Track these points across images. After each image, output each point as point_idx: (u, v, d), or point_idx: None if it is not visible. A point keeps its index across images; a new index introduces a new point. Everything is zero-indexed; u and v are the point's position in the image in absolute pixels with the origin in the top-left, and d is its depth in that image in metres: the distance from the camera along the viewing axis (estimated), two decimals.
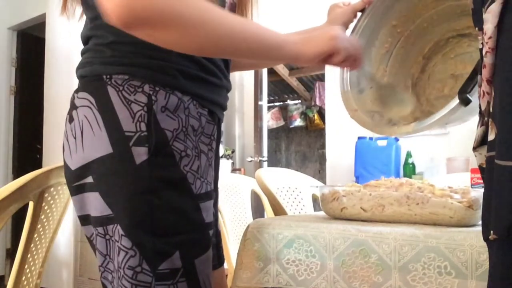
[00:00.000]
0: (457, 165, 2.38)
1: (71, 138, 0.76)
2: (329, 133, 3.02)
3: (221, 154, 3.57)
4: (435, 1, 1.03)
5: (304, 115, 5.05)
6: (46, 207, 1.09)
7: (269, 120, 4.90)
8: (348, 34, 1.09)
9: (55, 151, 3.27)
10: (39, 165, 3.49)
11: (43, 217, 1.10)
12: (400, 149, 2.61)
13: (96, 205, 0.73)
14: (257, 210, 3.01)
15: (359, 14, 1.09)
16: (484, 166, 0.60)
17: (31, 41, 4.09)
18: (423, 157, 2.65)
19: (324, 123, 4.03)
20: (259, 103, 3.71)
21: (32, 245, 1.08)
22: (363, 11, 1.08)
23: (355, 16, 1.08)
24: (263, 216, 2.81)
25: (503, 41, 0.56)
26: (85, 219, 0.77)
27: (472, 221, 0.89)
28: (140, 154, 0.71)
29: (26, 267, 1.07)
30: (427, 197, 0.91)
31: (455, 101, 0.81)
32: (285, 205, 1.76)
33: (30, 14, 3.82)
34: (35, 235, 1.08)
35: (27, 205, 1.03)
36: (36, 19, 3.78)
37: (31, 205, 1.04)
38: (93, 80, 0.76)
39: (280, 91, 5.17)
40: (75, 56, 0.76)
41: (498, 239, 0.54)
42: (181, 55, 0.76)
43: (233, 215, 2.18)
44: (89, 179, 0.73)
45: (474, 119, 0.78)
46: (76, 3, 0.85)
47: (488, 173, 0.58)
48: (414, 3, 1.05)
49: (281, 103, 5.26)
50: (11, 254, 3.82)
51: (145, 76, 0.74)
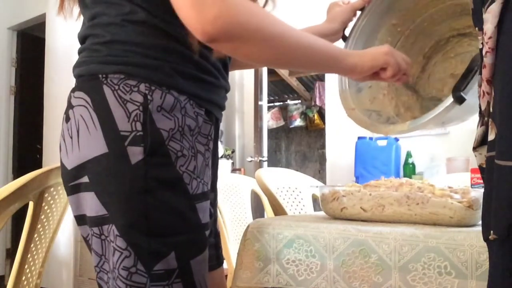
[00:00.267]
0: (457, 165, 2.38)
1: (68, 137, 0.75)
2: (329, 133, 3.02)
3: (221, 154, 3.57)
4: (435, 0, 1.03)
5: (304, 115, 5.05)
6: (46, 207, 1.09)
7: (269, 120, 4.90)
8: (347, 32, 1.10)
9: (55, 151, 3.26)
10: (39, 165, 3.49)
11: (43, 217, 1.09)
12: (400, 149, 2.61)
13: (91, 205, 0.73)
14: (257, 210, 3.01)
15: (358, 12, 1.08)
16: (484, 166, 0.60)
17: (31, 41, 4.09)
18: (423, 157, 2.65)
19: (324, 123, 4.03)
20: (259, 103, 3.71)
21: (32, 245, 1.08)
22: (362, 9, 1.07)
23: (355, 14, 1.08)
24: (263, 216, 2.81)
25: (503, 41, 0.56)
26: (81, 219, 0.76)
27: (472, 221, 0.89)
28: (135, 154, 0.71)
29: (26, 267, 1.07)
30: (427, 197, 0.91)
31: (449, 100, 0.81)
32: (285, 205, 1.76)
33: (30, 14, 3.82)
34: (35, 235, 1.08)
35: (27, 205, 1.03)
36: (36, 19, 3.78)
37: (31, 205, 1.04)
38: (89, 79, 0.75)
39: (280, 91, 5.17)
40: (75, 56, 0.75)
41: (498, 239, 0.54)
42: (178, 55, 0.76)
43: (233, 215, 2.18)
44: (85, 179, 0.73)
45: (473, 119, 0.78)
46: (73, 3, 0.84)
47: (488, 173, 0.58)
48: (414, 2, 1.05)
49: (281, 103, 5.26)
50: (11, 254, 3.82)
51: (141, 75, 0.73)
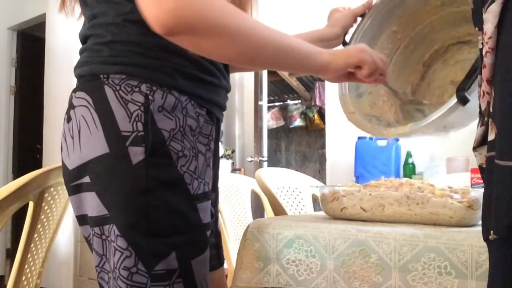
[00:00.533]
0: (457, 165, 2.37)
1: (69, 137, 0.75)
2: (329, 133, 3.01)
3: (221, 154, 3.57)
4: (435, 7, 1.03)
5: (304, 115, 5.05)
6: (46, 207, 1.09)
7: (269, 120, 4.90)
8: (348, 38, 1.09)
9: (55, 151, 3.27)
10: (39, 165, 3.49)
11: (43, 217, 1.10)
12: (400, 149, 2.61)
13: (92, 205, 0.73)
14: (257, 210, 3.01)
15: (359, 19, 1.08)
16: (484, 166, 0.60)
17: (31, 41, 4.08)
18: (423, 157, 2.65)
19: (324, 123, 4.03)
20: (259, 103, 3.71)
21: (32, 245, 1.08)
22: (363, 15, 1.07)
23: (355, 21, 1.08)
24: (263, 216, 2.81)
25: (503, 41, 0.56)
26: (82, 219, 0.77)
27: (472, 221, 0.89)
28: (136, 154, 0.71)
29: (26, 267, 1.07)
30: (427, 197, 0.91)
31: (453, 100, 0.81)
32: (285, 205, 1.76)
33: (30, 14, 3.81)
34: (35, 235, 1.08)
35: (27, 205, 1.03)
36: (36, 19, 3.78)
37: (31, 205, 1.04)
38: (90, 79, 0.75)
39: (280, 91, 5.17)
40: (75, 56, 0.76)
41: (498, 239, 0.54)
42: (179, 55, 0.76)
43: (233, 215, 2.18)
44: (86, 179, 0.73)
45: (474, 121, 0.77)
46: (74, 1, 0.84)
47: (488, 173, 0.58)
48: (415, 9, 1.04)
49: (281, 103, 5.26)
50: (11, 254, 3.82)
51: (142, 75, 0.74)
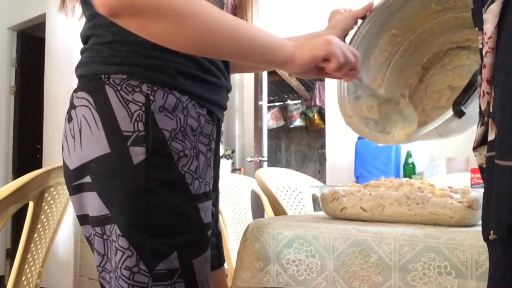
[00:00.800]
0: (457, 165, 2.37)
1: (70, 137, 0.75)
2: (329, 133, 3.01)
3: (221, 154, 3.57)
4: (436, 12, 1.03)
5: (304, 115, 5.05)
6: (46, 207, 1.09)
7: (269, 120, 4.90)
8: (348, 40, 1.09)
9: (55, 151, 3.27)
10: (39, 165, 3.49)
11: (43, 217, 1.09)
12: (400, 149, 2.61)
13: (94, 205, 0.73)
14: (257, 210, 3.01)
15: (359, 21, 1.08)
16: (484, 166, 0.60)
17: (31, 41, 4.09)
18: (423, 157, 2.65)
19: (324, 123, 4.03)
20: (259, 103, 3.71)
21: (32, 245, 1.08)
22: (364, 18, 1.07)
23: (356, 23, 1.08)
24: (263, 216, 2.81)
25: (503, 41, 0.56)
26: (83, 219, 0.77)
27: (472, 221, 0.89)
28: (137, 154, 0.71)
29: (26, 267, 1.07)
30: (427, 197, 0.91)
31: (449, 113, 0.81)
32: (285, 205, 1.76)
33: (30, 14, 3.81)
34: (35, 235, 1.08)
35: (27, 205, 1.03)
36: (36, 19, 3.78)
37: (31, 205, 1.04)
38: (91, 79, 0.76)
39: (280, 91, 5.17)
40: (75, 56, 0.76)
41: (498, 239, 0.54)
42: (180, 55, 0.76)
43: (233, 215, 2.18)
44: (87, 179, 0.73)
45: (472, 128, 0.77)
46: (75, 1, 0.84)
47: (488, 173, 0.58)
48: (415, 13, 1.05)
49: (281, 103, 5.26)
50: (11, 254, 3.82)
51: (143, 75, 0.74)
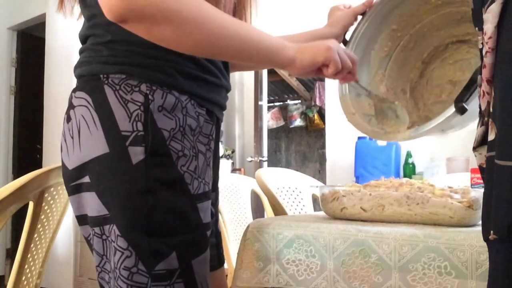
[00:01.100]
0: (457, 165, 2.37)
1: (69, 137, 0.75)
2: (329, 133, 3.01)
3: (221, 154, 3.57)
4: (436, 6, 1.03)
5: (304, 115, 5.05)
6: (46, 207, 1.09)
7: (269, 120, 4.89)
8: (348, 36, 1.10)
9: (55, 151, 3.27)
10: (39, 165, 3.49)
11: (43, 217, 1.09)
12: (400, 149, 2.61)
13: (93, 205, 0.73)
14: (257, 210, 3.01)
15: (359, 17, 1.08)
16: (484, 166, 0.60)
17: (31, 41, 4.08)
18: (423, 157, 2.65)
19: (324, 123, 4.02)
20: (259, 103, 3.71)
21: (32, 245, 1.08)
22: (363, 14, 1.07)
23: (356, 19, 1.08)
24: (263, 216, 2.81)
25: (503, 41, 0.56)
26: (82, 219, 0.77)
27: (472, 221, 0.89)
28: (136, 154, 0.71)
29: (26, 267, 1.07)
30: (427, 197, 0.91)
31: (451, 110, 0.81)
32: (285, 205, 1.76)
33: (30, 14, 3.81)
34: (35, 235, 1.08)
35: (27, 205, 1.03)
36: (36, 19, 3.78)
37: (31, 205, 1.04)
38: (90, 79, 0.76)
39: (280, 91, 5.16)
40: (75, 56, 0.76)
41: (498, 239, 0.54)
42: (179, 54, 0.75)
43: (233, 215, 2.18)
44: (86, 179, 0.73)
45: (473, 123, 0.78)
46: (73, 1, 0.84)
47: (488, 173, 0.58)
48: (415, 8, 1.05)
49: (281, 103, 5.25)
50: (11, 254, 3.82)
51: (142, 75, 0.74)
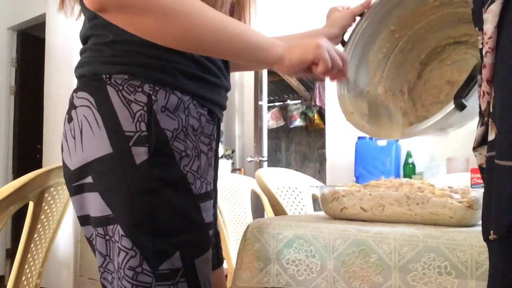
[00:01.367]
0: (457, 165, 2.38)
1: (70, 138, 0.75)
2: (329, 133, 3.01)
3: (221, 154, 3.57)
4: (433, 8, 1.03)
5: (304, 115, 5.05)
6: (46, 207, 1.09)
7: (269, 120, 4.89)
8: (346, 37, 1.10)
9: (55, 151, 3.27)
10: (39, 165, 3.49)
11: (43, 217, 1.09)
12: (400, 149, 2.61)
13: (95, 205, 0.73)
14: (257, 210, 3.01)
15: (358, 18, 1.09)
16: (484, 166, 0.60)
17: (31, 41, 4.08)
18: (423, 157, 2.65)
19: (324, 123, 4.02)
20: (259, 103, 3.71)
21: (32, 245, 1.08)
22: (362, 15, 1.08)
23: (354, 20, 1.08)
24: (263, 216, 2.81)
25: (503, 41, 0.56)
26: (84, 220, 0.77)
27: (472, 221, 0.89)
28: (140, 154, 0.71)
29: (26, 267, 1.07)
30: (427, 197, 0.91)
31: (451, 106, 0.81)
32: (285, 205, 1.76)
33: (30, 14, 3.81)
34: (35, 235, 1.08)
35: (27, 205, 1.03)
36: (36, 19, 3.78)
37: (31, 205, 1.04)
38: (92, 79, 0.75)
39: (280, 91, 5.17)
40: (75, 56, 0.76)
41: (498, 239, 0.54)
42: (181, 55, 0.76)
43: (233, 215, 2.18)
44: (89, 179, 0.73)
45: (472, 122, 0.78)
46: (74, 1, 0.84)
47: (488, 173, 0.58)
48: (412, 9, 1.05)
49: (281, 103, 5.25)
50: (11, 254, 3.82)
51: (145, 75, 0.74)
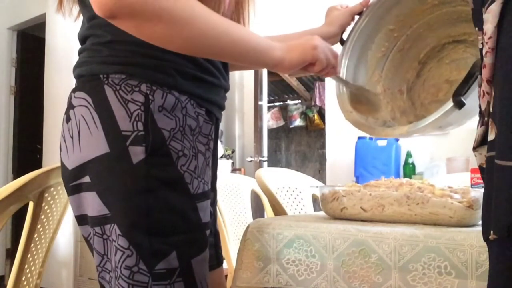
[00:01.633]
0: (457, 165, 2.38)
1: (68, 137, 0.76)
2: (329, 133, 3.02)
3: (221, 154, 3.57)
4: (432, 6, 1.03)
5: (304, 115, 5.05)
6: (46, 207, 1.09)
7: (269, 120, 4.90)
8: (345, 36, 1.10)
9: (55, 151, 3.26)
10: (39, 165, 3.49)
11: (43, 217, 1.09)
12: (400, 149, 2.62)
13: (93, 204, 0.73)
14: (257, 210, 3.01)
15: (356, 17, 1.09)
16: (484, 166, 0.60)
17: (31, 41, 4.08)
18: (423, 157, 2.65)
19: (324, 123, 4.03)
20: (259, 103, 3.71)
21: (32, 245, 1.08)
22: (361, 14, 1.08)
23: (353, 19, 1.08)
24: (263, 216, 2.81)
25: (503, 41, 0.56)
26: (82, 219, 0.77)
27: (472, 221, 0.89)
28: (137, 153, 0.71)
29: (26, 267, 1.07)
30: (427, 197, 0.91)
31: (449, 104, 0.81)
32: (285, 205, 1.76)
33: (30, 14, 3.81)
34: (35, 235, 1.08)
35: (27, 205, 1.03)
36: (36, 19, 3.78)
37: (31, 205, 1.04)
38: (90, 79, 0.76)
39: (280, 91, 5.17)
40: (75, 56, 0.76)
41: (498, 239, 0.54)
42: (179, 55, 0.76)
43: (233, 215, 2.18)
44: (86, 179, 0.73)
45: (473, 119, 0.78)
46: (72, 2, 0.84)
47: (488, 173, 0.58)
48: (411, 8, 1.05)
49: (281, 103, 5.26)
50: (11, 254, 3.82)
51: (142, 75, 0.74)
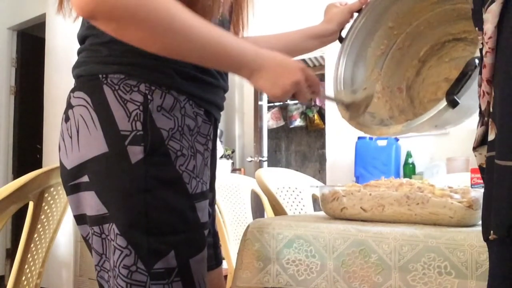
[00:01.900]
0: (457, 165, 2.38)
1: (67, 137, 0.76)
2: (329, 133, 3.02)
3: (221, 154, 3.57)
4: (432, 4, 1.03)
5: (304, 115, 5.04)
6: (46, 207, 1.09)
7: (269, 120, 4.89)
8: (344, 34, 1.10)
9: (55, 151, 3.25)
10: (39, 165, 3.49)
11: (43, 217, 1.09)
12: (400, 149, 2.62)
13: (92, 204, 0.73)
14: (257, 210, 3.01)
15: (355, 14, 1.08)
16: (484, 166, 0.60)
17: (31, 41, 4.09)
18: (423, 157, 2.65)
19: (324, 123, 4.02)
20: (259, 103, 3.71)
21: (32, 245, 1.08)
22: (360, 11, 1.07)
23: (352, 16, 1.08)
24: (263, 216, 2.81)
25: (503, 41, 0.56)
26: (81, 219, 0.77)
27: (472, 221, 0.89)
28: (135, 153, 0.71)
29: (26, 267, 1.07)
30: (427, 197, 0.91)
31: (443, 103, 0.81)
32: (285, 205, 1.76)
33: (30, 14, 3.82)
34: (35, 235, 1.08)
35: (27, 205, 1.03)
36: (36, 19, 3.78)
37: (31, 205, 1.04)
38: (89, 79, 0.76)
39: None
40: (75, 56, 0.76)
41: (498, 239, 0.54)
42: None
43: (233, 215, 2.18)
44: (85, 178, 0.73)
45: (473, 119, 0.78)
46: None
47: (488, 173, 0.58)
48: (411, 5, 1.05)
49: (281, 103, 5.25)
50: (11, 254, 3.82)
51: (141, 75, 0.74)
